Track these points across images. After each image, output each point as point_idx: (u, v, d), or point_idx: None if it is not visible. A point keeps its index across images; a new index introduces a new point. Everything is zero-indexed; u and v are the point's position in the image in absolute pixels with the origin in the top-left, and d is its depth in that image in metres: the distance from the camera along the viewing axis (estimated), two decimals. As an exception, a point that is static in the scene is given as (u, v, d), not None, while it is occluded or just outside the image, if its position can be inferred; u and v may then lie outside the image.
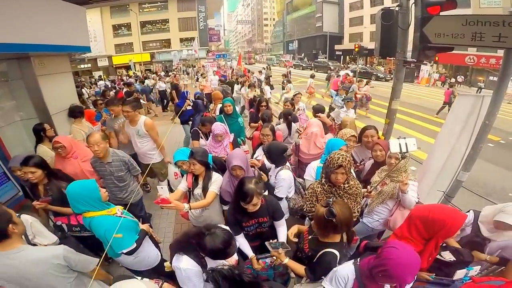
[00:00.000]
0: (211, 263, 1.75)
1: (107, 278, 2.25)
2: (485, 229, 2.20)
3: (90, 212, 2.08)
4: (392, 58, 4.42)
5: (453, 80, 19.81)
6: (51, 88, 4.33)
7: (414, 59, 3.32)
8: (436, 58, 19.11)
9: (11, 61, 3.87)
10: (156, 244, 2.60)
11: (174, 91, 10.60)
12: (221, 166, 3.18)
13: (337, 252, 1.88)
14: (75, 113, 4.44)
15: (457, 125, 2.99)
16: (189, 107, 6.18)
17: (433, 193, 3.29)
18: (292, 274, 2.31)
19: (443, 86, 20.45)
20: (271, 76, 11.82)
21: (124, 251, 2.16)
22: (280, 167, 2.95)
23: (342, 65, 32.19)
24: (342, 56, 40.62)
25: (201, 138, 4.22)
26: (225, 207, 2.84)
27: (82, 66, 30.58)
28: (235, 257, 2.16)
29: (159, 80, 13.64)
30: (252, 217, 2.31)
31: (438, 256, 2.02)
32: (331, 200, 1.85)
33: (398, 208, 2.69)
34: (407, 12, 3.22)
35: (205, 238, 1.64)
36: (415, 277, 1.54)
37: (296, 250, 2.24)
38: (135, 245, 2.20)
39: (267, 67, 23.39)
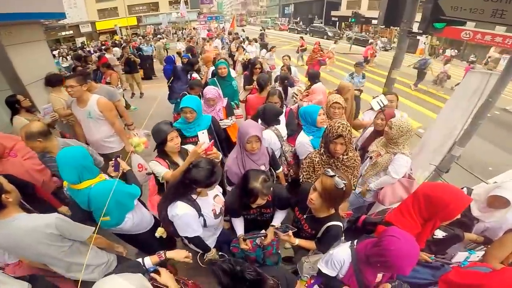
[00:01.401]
0: (204, 206, 1.95)
1: (109, 246, 2.21)
2: (476, 209, 2.18)
3: (87, 181, 1.99)
4: (393, 28, 4.26)
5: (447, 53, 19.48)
6: (23, 58, 4.12)
7: (420, 31, 3.20)
8: (431, 30, 18.76)
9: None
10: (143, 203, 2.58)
11: (189, 54, 9.34)
12: (219, 130, 3.11)
13: (340, 223, 1.89)
14: (52, 82, 4.12)
15: (462, 101, 2.95)
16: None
17: (425, 166, 3.31)
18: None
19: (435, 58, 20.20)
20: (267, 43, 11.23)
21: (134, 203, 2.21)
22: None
23: (339, 32, 31.20)
24: (338, 23, 39.37)
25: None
26: (228, 187, 2.61)
27: (63, 33, 28.75)
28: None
29: (177, 40, 12.75)
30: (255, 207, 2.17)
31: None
32: (329, 170, 1.78)
33: None
34: (420, -20, 3.04)
35: (192, 171, 1.80)
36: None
37: (298, 231, 2.10)
38: (139, 190, 2.24)
39: (262, 29, 22.71)
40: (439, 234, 2.03)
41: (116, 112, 3.35)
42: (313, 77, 4.84)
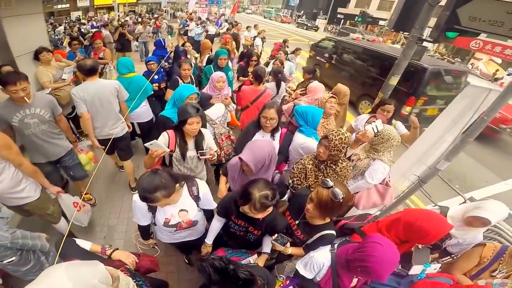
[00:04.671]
0: (160, 210, 1.90)
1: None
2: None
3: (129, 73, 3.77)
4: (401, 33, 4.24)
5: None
6: (17, 30, 4.07)
7: (431, 39, 3.19)
8: (440, 38, 18.93)
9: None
10: None
11: (234, 42, 8.24)
12: (206, 101, 3.09)
13: (333, 232, 1.90)
14: (41, 55, 4.11)
15: (456, 114, 2.95)
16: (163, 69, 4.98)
17: (407, 176, 3.33)
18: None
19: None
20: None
21: None
22: None
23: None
24: (343, 20, 39.10)
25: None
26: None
27: (59, 6, 26.73)
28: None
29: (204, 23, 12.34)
30: (245, 219, 1.93)
31: None
32: (328, 180, 1.75)
33: None
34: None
35: (140, 178, 1.66)
36: None
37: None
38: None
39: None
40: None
41: (16, 149, 2.22)
42: (309, 72, 4.80)
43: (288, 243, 1.88)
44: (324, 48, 10.41)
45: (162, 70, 4.76)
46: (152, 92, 4.14)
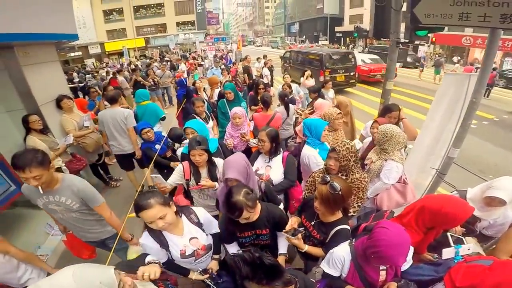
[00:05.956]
0: (173, 243, 1.89)
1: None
2: (476, 209, 2.16)
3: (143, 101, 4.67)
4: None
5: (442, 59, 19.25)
6: (38, 78, 4.16)
7: (406, 40, 3.35)
8: (433, 39, 19.19)
9: (-7, 51, 3.69)
10: None
11: (246, 74, 9.18)
12: (227, 151, 3.16)
13: (348, 226, 1.94)
14: (62, 102, 4.33)
15: (444, 102, 3.04)
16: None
17: (427, 170, 3.37)
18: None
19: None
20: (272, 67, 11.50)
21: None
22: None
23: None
24: (342, 38, 40.04)
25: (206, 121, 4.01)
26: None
27: (72, 54, 28.91)
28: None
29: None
30: (247, 228, 2.01)
31: None
32: (326, 176, 1.87)
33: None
34: (399, -7, 3.23)
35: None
36: (406, 258, 1.58)
37: (304, 238, 2.08)
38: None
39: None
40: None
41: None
42: (314, 91, 5.08)
43: (300, 235, 1.93)
44: (287, 57, 15.97)
45: (161, 134, 4.15)
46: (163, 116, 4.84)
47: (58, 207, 2.20)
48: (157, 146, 3.71)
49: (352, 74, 12.06)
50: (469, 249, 1.88)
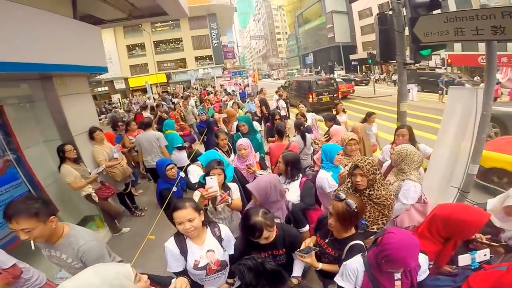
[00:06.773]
0: (192, 252, 1.96)
1: None
2: (497, 220, 2.18)
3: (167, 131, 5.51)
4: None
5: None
6: (73, 109, 4.32)
7: (412, 61, 3.46)
8: (449, 61, 19.07)
9: (34, 82, 3.92)
10: None
11: (263, 107, 9.26)
12: (242, 179, 3.23)
13: (361, 242, 1.95)
14: (95, 134, 4.57)
15: (455, 119, 3.02)
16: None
17: (449, 190, 3.27)
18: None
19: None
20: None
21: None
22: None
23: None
24: (358, 66, 40.30)
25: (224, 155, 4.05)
26: None
27: (99, 89, 30.25)
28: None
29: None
30: (265, 249, 2.04)
31: None
32: (340, 193, 1.92)
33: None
34: (400, 15, 3.39)
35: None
36: (418, 260, 1.59)
37: (319, 256, 2.12)
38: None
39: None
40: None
41: None
42: (330, 120, 5.11)
43: (313, 253, 1.96)
44: (287, 86, 19.07)
45: (179, 173, 3.73)
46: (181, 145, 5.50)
47: (58, 262, 1.98)
48: (175, 189, 3.44)
49: (335, 95, 15.17)
50: (485, 255, 1.86)
